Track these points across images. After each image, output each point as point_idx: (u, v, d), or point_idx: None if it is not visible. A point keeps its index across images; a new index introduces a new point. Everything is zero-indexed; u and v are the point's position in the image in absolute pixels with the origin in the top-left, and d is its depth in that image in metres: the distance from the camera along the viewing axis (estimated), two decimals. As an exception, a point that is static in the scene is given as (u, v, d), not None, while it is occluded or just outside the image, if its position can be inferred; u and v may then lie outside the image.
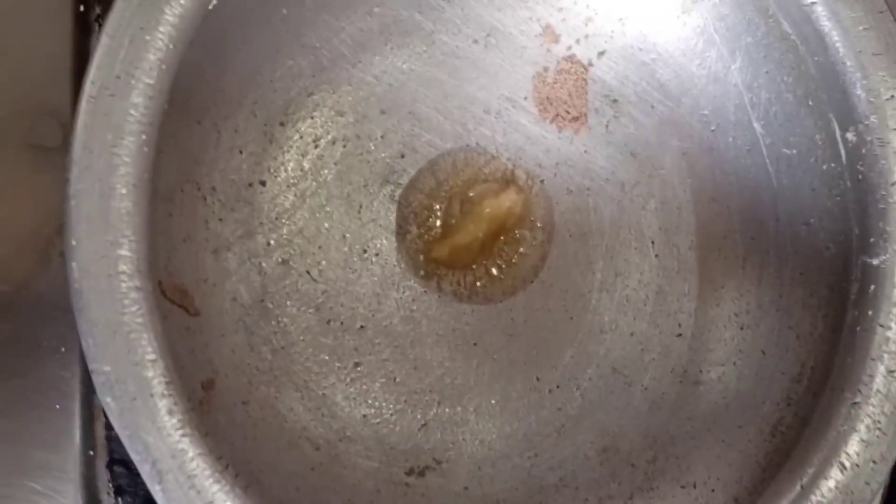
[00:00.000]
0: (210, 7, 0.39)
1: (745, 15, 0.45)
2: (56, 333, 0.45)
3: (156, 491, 0.34)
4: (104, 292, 0.35)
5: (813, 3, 0.41)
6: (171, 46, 0.37)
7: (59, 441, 0.44)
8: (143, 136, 0.36)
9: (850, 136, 0.41)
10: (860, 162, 0.41)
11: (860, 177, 0.41)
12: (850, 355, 0.40)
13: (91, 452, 0.45)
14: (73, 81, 0.46)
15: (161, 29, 0.37)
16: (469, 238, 0.48)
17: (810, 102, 0.43)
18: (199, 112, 0.42)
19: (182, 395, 0.35)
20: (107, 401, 0.34)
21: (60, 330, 0.45)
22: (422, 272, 0.48)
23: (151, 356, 0.35)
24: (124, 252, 0.35)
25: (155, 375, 0.35)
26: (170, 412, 0.34)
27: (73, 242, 0.35)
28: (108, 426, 0.45)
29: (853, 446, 0.38)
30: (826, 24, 0.41)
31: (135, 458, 0.34)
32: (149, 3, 0.37)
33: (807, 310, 0.44)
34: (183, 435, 0.34)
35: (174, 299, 0.40)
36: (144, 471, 0.34)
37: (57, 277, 0.45)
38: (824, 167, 0.43)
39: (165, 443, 0.34)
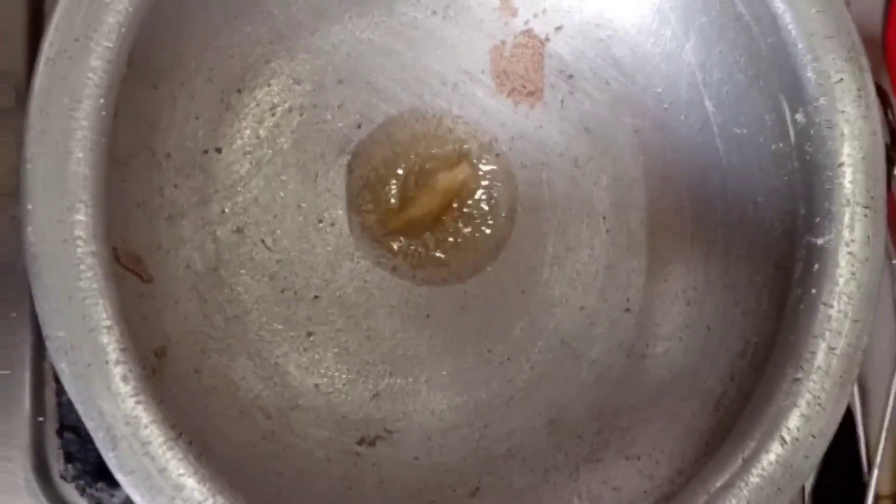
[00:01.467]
0: (169, -30, 0.38)
1: (700, -6, 0.45)
2: (6, 298, 0.44)
3: (109, 458, 0.34)
4: (60, 257, 0.34)
5: (767, -16, 0.42)
6: (129, 9, 0.36)
7: (8, 407, 0.44)
8: (101, 100, 0.35)
9: (799, 116, 0.42)
10: (808, 143, 0.41)
11: (808, 157, 0.41)
12: (793, 332, 0.40)
13: (41, 418, 0.45)
14: (26, 42, 0.45)
15: (121, -9, 0.36)
16: (423, 211, 0.48)
17: (761, 83, 0.44)
18: (156, 77, 0.42)
19: (136, 362, 0.35)
20: (61, 367, 0.34)
21: (10, 294, 0.44)
22: (376, 244, 0.48)
23: (107, 322, 0.34)
24: (80, 217, 0.34)
25: (110, 342, 0.34)
26: (124, 379, 0.34)
27: (29, 206, 0.34)
28: (59, 392, 0.45)
29: (794, 421, 0.39)
30: (779, 5, 0.41)
31: (89, 424, 0.34)
32: (108, -34, 0.36)
33: (752, 287, 0.45)
34: (137, 402, 0.34)
35: (128, 265, 0.40)
36: (98, 437, 0.34)
37: (8, 241, 0.44)
38: (773, 147, 0.44)
39: (120, 410, 0.34)
